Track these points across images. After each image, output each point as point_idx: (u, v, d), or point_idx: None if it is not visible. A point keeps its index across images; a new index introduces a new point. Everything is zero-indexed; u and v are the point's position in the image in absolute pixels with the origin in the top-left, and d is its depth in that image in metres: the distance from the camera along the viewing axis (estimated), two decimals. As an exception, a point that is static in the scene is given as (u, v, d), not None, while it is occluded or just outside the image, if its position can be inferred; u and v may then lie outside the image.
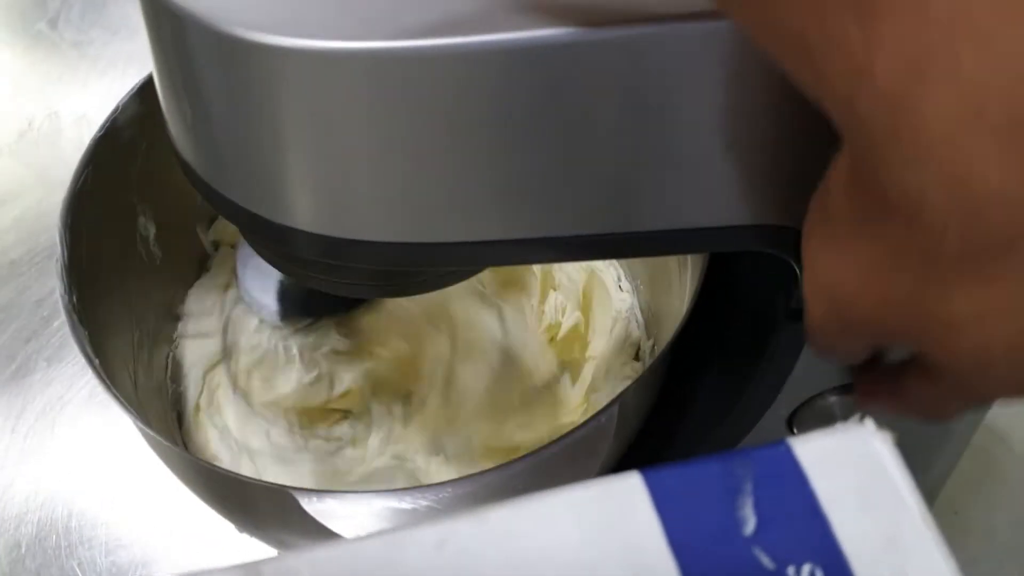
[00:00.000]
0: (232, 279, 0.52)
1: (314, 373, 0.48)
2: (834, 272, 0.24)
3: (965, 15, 0.18)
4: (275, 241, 0.30)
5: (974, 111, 0.18)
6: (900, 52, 0.18)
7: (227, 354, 0.50)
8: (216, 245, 0.53)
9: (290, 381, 0.48)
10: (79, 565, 0.48)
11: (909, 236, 0.20)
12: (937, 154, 0.19)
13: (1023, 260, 0.19)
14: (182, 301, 0.52)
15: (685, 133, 0.26)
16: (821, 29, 0.19)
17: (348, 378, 0.49)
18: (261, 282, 0.49)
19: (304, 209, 0.28)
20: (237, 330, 0.51)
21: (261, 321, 0.50)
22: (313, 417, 0.49)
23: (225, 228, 0.52)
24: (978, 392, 0.25)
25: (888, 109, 0.19)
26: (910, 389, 0.26)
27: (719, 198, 0.28)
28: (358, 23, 0.24)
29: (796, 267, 0.31)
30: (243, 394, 0.49)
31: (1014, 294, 0.20)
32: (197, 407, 0.49)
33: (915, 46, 0.18)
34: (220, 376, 0.50)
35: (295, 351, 0.49)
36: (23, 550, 0.48)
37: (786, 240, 0.29)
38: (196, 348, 0.51)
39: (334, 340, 0.49)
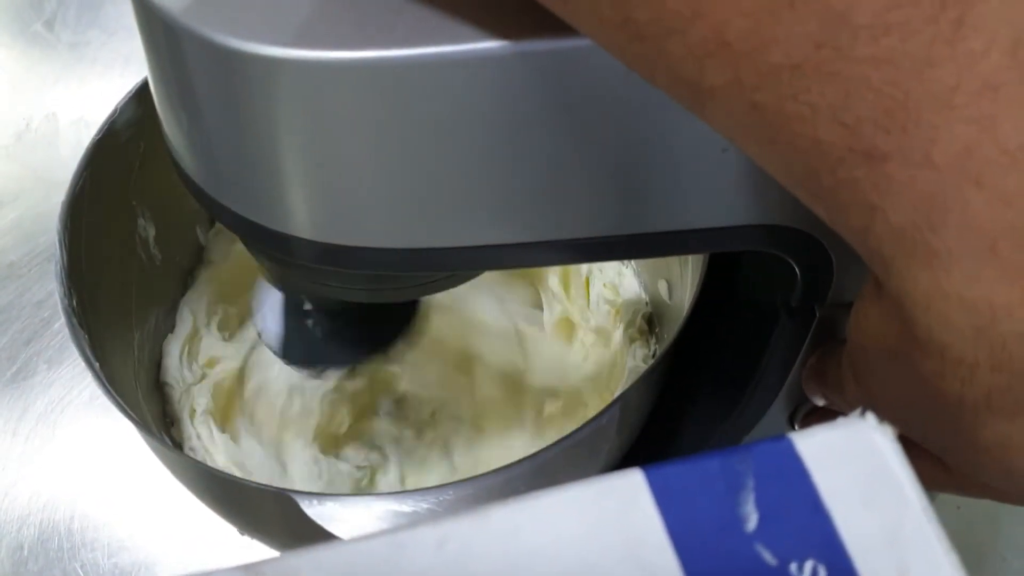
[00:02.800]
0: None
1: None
2: (873, 386, 0.24)
3: (966, 160, 0.18)
4: (275, 249, 0.30)
5: (988, 247, 0.18)
6: (910, 194, 0.19)
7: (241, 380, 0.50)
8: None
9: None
10: (82, 567, 0.48)
11: (941, 369, 0.20)
12: (957, 291, 0.19)
13: None
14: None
15: (683, 137, 0.26)
16: (832, 172, 0.19)
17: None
18: (275, 325, 0.48)
19: (304, 217, 0.28)
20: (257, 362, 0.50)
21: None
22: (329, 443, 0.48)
23: (225, 229, 0.52)
24: (994, 496, 0.25)
25: (904, 246, 0.19)
26: (916, 465, 0.27)
27: (721, 199, 0.28)
28: (353, 32, 0.24)
29: (796, 266, 0.31)
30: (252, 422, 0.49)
31: None
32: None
33: (924, 188, 0.18)
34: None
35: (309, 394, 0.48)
36: (26, 552, 0.48)
37: (788, 240, 0.29)
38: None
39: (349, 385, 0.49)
